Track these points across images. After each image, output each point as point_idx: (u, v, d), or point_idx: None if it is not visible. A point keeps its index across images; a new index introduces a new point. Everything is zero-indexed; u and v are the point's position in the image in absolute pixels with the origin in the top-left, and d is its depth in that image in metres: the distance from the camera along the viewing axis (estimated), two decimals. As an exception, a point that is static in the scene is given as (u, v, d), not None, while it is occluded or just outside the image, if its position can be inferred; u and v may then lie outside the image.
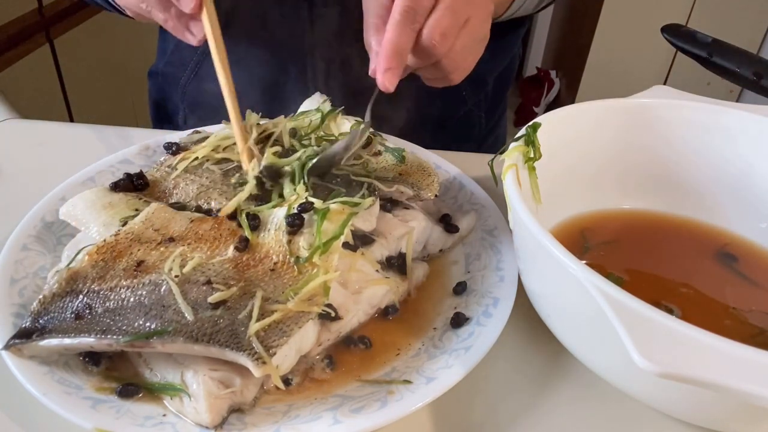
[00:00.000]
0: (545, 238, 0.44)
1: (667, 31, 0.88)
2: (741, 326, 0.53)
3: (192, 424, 0.45)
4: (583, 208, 0.64)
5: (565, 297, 0.47)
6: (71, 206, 0.59)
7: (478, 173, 0.73)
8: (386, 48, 0.56)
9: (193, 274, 0.50)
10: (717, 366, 0.35)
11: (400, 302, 0.58)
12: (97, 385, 0.48)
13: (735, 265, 0.60)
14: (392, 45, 0.56)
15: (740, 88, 2.57)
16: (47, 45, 1.73)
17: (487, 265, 0.61)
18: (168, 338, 0.45)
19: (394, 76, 0.56)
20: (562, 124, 0.60)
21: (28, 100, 1.66)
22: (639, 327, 0.37)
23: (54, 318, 0.48)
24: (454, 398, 0.50)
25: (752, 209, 0.63)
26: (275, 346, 0.45)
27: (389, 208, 0.63)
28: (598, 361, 0.48)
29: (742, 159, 0.62)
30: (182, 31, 0.64)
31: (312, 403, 0.48)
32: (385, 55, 0.56)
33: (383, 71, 0.56)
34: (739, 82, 0.80)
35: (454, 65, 0.62)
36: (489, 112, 1.01)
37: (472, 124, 0.99)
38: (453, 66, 0.62)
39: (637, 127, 0.63)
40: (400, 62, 0.56)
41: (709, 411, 0.43)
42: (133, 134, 0.82)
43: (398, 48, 0.56)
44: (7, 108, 0.91)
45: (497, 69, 0.98)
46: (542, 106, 3.06)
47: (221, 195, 0.61)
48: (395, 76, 0.56)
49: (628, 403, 0.51)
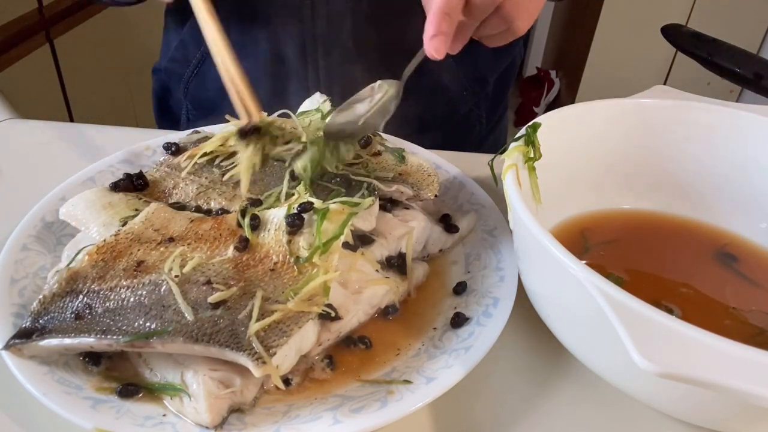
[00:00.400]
0: (545, 238, 0.44)
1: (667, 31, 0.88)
2: (741, 326, 0.53)
3: (192, 424, 0.45)
4: (583, 208, 0.64)
5: (565, 297, 0.47)
6: (71, 206, 0.59)
7: (478, 173, 0.73)
8: (434, 10, 0.51)
9: (193, 274, 0.50)
10: (717, 366, 0.35)
11: (400, 302, 0.58)
12: (97, 385, 0.48)
13: (735, 265, 0.60)
14: (440, 6, 0.51)
15: (740, 88, 2.57)
16: (47, 45, 1.73)
17: (487, 265, 0.61)
18: (168, 338, 0.45)
19: (442, 43, 0.51)
20: (562, 124, 0.60)
21: (28, 100, 1.65)
22: (639, 327, 0.37)
23: (54, 318, 0.48)
24: (454, 398, 0.50)
25: (752, 209, 0.63)
26: (275, 346, 0.45)
27: (389, 208, 0.63)
28: (598, 361, 0.48)
29: (742, 159, 0.62)
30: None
31: (312, 403, 0.48)
32: (433, 19, 0.51)
33: (430, 37, 0.51)
34: (739, 82, 0.80)
35: (517, 8, 0.56)
36: (490, 112, 1.01)
37: (473, 123, 0.99)
38: (516, 10, 0.56)
39: (637, 127, 0.63)
40: (449, 24, 0.51)
41: (709, 411, 0.43)
42: (133, 134, 0.82)
43: (447, 7, 0.51)
44: (7, 108, 0.91)
45: (499, 68, 0.98)
46: (542, 106, 3.06)
47: (221, 195, 0.61)
48: (443, 42, 0.51)
49: (628, 403, 0.51)
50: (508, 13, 0.56)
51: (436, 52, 0.51)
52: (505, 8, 0.55)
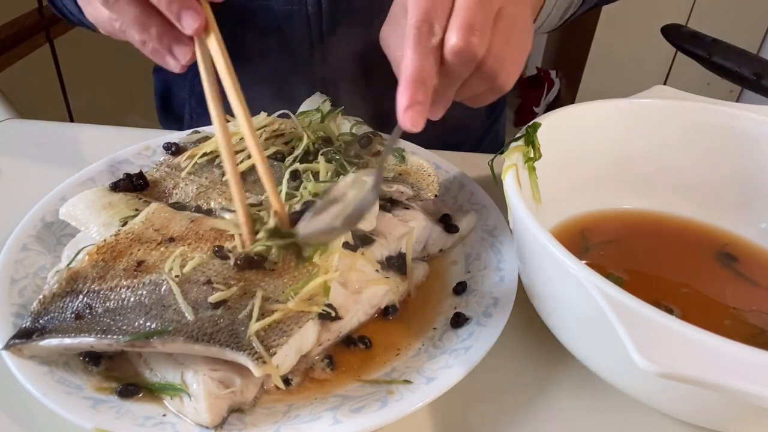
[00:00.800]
0: (545, 238, 0.44)
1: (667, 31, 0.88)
2: (741, 326, 0.53)
3: (192, 424, 0.45)
4: (583, 208, 0.64)
5: (565, 297, 0.47)
6: (71, 206, 0.59)
7: (478, 173, 0.73)
8: (404, 79, 0.45)
9: (194, 274, 0.50)
10: (717, 366, 0.35)
11: (400, 302, 0.58)
12: (97, 385, 0.48)
13: (735, 265, 0.60)
14: (411, 73, 0.45)
15: (740, 88, 2.57)
16: (47, 45, 1.73)
17: (487, 265, 0.61)
18: (168, 338, 0.45)
19: (419, 114, 0.45)
20: (562, 124, 0.60)
21: (28, 100, 1.65)
22: (639, 327, 0.37)
23: (54, 318, 0.48)
24: (454, 398, 0.50)
25: (752, 209, 0.63)
26: (275, 345, 0.45)
27: (389, 208, 0.63)
28: (598, 361, 0.48)
29: (742, 159, 0.62)
30: (163, 56, 0.54)
31: (312, 403, 0.48)
32: (405, 89, 0.45)
33: (404, 109, 0.44)
34: (739, 82, 0.80)
35: (500, 63, 0.49)
36: (490, 109, 1.01)
37: (473, 120, 1.00)
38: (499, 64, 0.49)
39: (637, 127, 0.63)
40: (424, 93, 0.45)
41: (709, 411, 0.43)
42: (133, 134, 0.82)
43: (419, 74, 0.45)
44: (7, 108, 0.91)
45: None
46: (542, 106, 3.06)
47: (221, 195, 0.61)
48: (420, 114, 0.45)
49: (628, 403, 0.51)
50: (490, 69, 0.48)
51: (412, 125, 0.45)
52: (486, 64, 0.48)
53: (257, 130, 0.67)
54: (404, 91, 0.45)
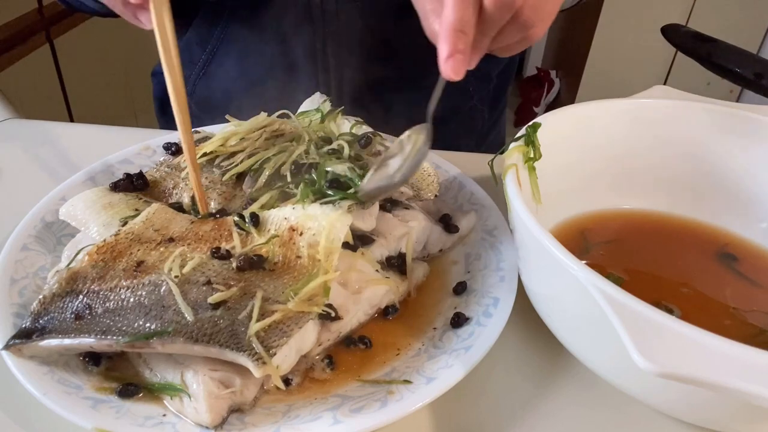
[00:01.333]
0: (545, 238, 0.44)
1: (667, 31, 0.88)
2: (741, 326, 0.53)
3: (192, 424, 0.45)
4: (583, 208, 0.64)
5: (565, 297, 0.47)
6: (71, 206, 0.59)
7: (478, 173, 0.73)
8: (445, 29, 0.46)
9: (193, 275, 0.50)
10: (717, 366, 0.35)
11: (400, 302, 0.58)
12: (97, 385, 0.48)
13: (735, 265, 0.60)
14: (451, 23, 0.46)
15: (740, 88, 2.57)
16: (47, 45, 1.73)
17: (487, 265, 0.61)
18: (168, 339, 0.45)
19: (460, 62, 0.46)
20: (562, 124, 0.60)
21: (28, 100, 1.65)
22: (639, 327, 0.37)
23: (54, 318, 0.48)
24: (454, 398, 0.50)
25: (752, 209, 0.63)
26: (275, 346, 0.45)
27: (389, 208, 0.62)
28: (598, 361, 0.48)
29: (743, 159, 0.62)
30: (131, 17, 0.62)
31: (312, 403, 0.48)
32: (446, 38, 0.46)
33: (445, 58, 0.46)
34: (739, 82, 0.80)
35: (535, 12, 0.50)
36: (491, 107, 1.02)
37: (475, 118, 1.00)
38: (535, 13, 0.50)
39: (637, 127, 0.63)
40: (465, 42, 0.47)
41: (709, 411, 0.43)
42: (133, 134, 0.82)
43: (460, 23, 0.46)
44: (7, 108, 0.91)
45: (502, 63, 0.99)
46: (542, 106, 3.06)
47: (220, 195, 0.61)
48: (462, 62, 0.47)
49: (628, 403, 0.51)
50: (527, 19, 0.50)
51: (454, 74, 0.47)
52: (523, 14, 0.49)
53: (257, 130, 0.66)
54: (445, 40, 0.46)
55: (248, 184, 0.61)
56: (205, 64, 0.92)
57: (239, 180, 0.62)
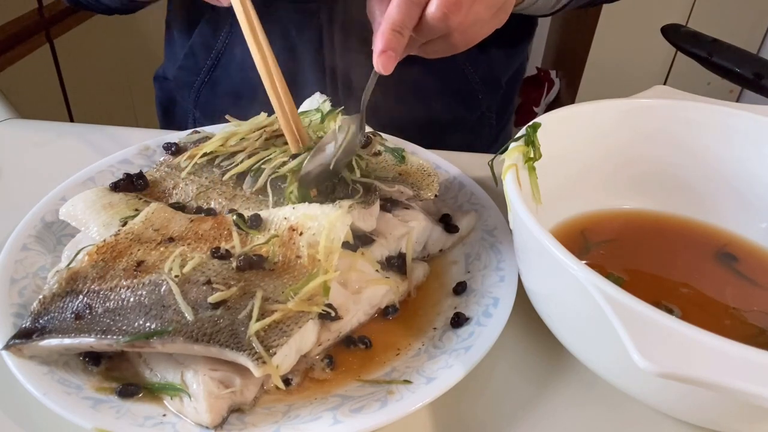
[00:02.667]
0: (545, 238, 0.44)
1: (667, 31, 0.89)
2: (741, 326, 0.53)
3: (192, 424, 0.45)
4: (583, 208, 0.64)
5: (565, 297, 0.47)
6: (71, 206, 0.59)
7: (478, 173, 0.73)
8: (385, 26, 0.51)
9: (193, 274, 0.50)
10: (717, 366, 0.35)
11: (400, 302, 0.58)
12: (97, 385, 0.48)
13: (735, 265, 0.60)
14: (392, 23, 0.50)
15: (740, 88, 2.56)
16: (47, 45, 1.73)
17: (487, 265, 0.61)
18: (168, 338, 0.45)
19: (392, 59, 0.51)
20: (562, 124, 0.60)
21: (28, 100, 1.65)
22: (639, 327, 0.37)
23: (54, 318, 0.48)
24: (454, 398, 0.50)
25: (752, 209, 0.63)
26: (275, 346, 0.45)
27: (389, 208, 0.63)
28: (598, 361, 0.48)
29: (743, 159, 0.62)
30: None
31: (312, 403, 0.48)
32: (383, 34, 0.51)
33: (379, 53, 0.51)
34: (739, 82, 0.80)
35: (465, 38, 0.56)
36: (500, 114, 1.01)
37: (484, 125, 1.00)
38: (464, 39, 0.56)
39: (637, 127, 0.63)
40: (400, 42, 0.51)
41: (709, 411, 0.43)
42: (134, 134, 0.82)
43: (400, 26, 0.51)
44: (7, 108, 0.91)
45: (511, 69, 0.99)
46: (542, 106, 3.06)
47: (221, 195, 0.61)
48: (392, 60, 0.51)
49: (628, 403, 0.51)
50: (455, 40, 0.56)
51: (383, 69, 0.51)
52: (454, 36, 0.55)
53: (257, 130, 0.67)
54: (382, 36, 0.51)
55: (248, 184, 0.61)
56: (210, 69, 0.92)
57: (239, 180, 0.62)
